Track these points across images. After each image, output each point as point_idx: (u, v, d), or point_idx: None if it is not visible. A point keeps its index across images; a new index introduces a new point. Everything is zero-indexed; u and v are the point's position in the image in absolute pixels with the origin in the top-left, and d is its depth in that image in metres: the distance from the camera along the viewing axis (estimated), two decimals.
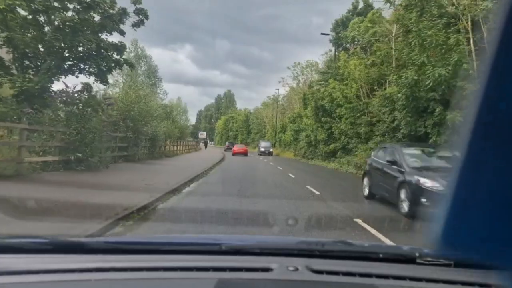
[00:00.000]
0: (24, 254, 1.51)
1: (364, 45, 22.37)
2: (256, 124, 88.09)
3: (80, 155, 11.31)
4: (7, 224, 4.51)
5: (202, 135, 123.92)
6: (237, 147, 52.05)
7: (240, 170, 17.32)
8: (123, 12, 14.64)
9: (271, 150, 38.95)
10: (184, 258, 1.55)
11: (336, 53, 29.64)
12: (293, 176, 15.63)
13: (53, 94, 13.34)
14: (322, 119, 27.13)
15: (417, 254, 1.60)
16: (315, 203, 8.92)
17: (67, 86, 13.63)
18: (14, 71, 13.39)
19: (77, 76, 15.08)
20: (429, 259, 1.59)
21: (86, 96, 14.05)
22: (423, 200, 6.75)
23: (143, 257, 1.53)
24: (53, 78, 13.90)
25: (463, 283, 1.42)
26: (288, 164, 25.57)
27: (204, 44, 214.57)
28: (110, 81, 20.95)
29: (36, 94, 12.83)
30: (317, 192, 10.52)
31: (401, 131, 15.50)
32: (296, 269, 1.42)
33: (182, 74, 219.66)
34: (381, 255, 1.63)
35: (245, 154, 45.89)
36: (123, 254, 1.55)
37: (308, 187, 11.70)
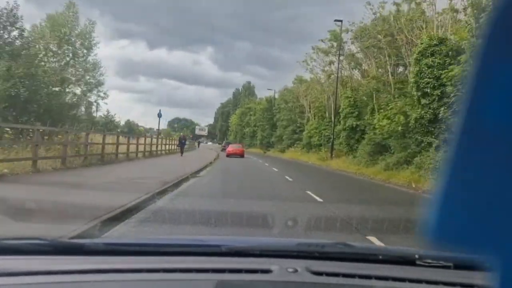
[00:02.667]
0: (23, 255, 1.52)
1: None
2: (286, 110, 57.72)
3: None
4: None
5: (202, 131, 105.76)
6: (231, 148, 44.40)
7: None
8: None
9: None
10: (184, 259, 1.58)
11: None
12: None
13: None
14: None
15: (416, 256, 1.61)
16: None
17: None
18: None
19: None
20: (429, 260, 1.60)
21: None
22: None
23: (142, 259, 1.56)
24: None
25: (462, 285, 1.45)
26: None
27: (225, 46, 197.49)
28: None
29: None
30: None
31: None
32: (296, 271, 1.44)
33: (203, 76, 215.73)
34: (380, 257, 1.66)
35: (241, 155, 39.65)
36: (122, 255, 1.58)
37: None
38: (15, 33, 18.60)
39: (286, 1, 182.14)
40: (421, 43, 17.67)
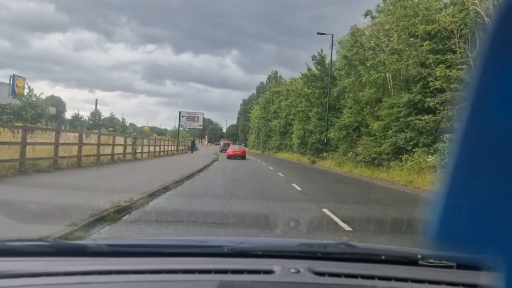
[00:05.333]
0: (26, 257, 1.61)
1: None
2: (388, 54, 21.57)
3: None
4: None
5: (193, 121, 68.03)
6: (232, 149, 42.52)
7: None
8: None
9: None
10: (187, 260, 1.66)
11: None
12: None
13: None
14: None
15: (419, 256, 1.65)
16: None
17: None
18: None
19: None
20: (431, 260, 1.63)
21: None
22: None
23: (145, 260, 1.66)
24: None
25: (465, 285, 1.48)
26: None
27: (250, 49, 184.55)
28: None
29: None
30: None
31: None
32: (298, 271, 1.51)
33: (229, 79, 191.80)
34: (383, 257, 1.68)
35: (242, 157, 39.25)
36: (125, 257, 1.68)
37: None
38: None
39: (311, 1, 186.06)
40: None
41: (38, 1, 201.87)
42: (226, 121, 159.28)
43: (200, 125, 72.53)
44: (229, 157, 37.42)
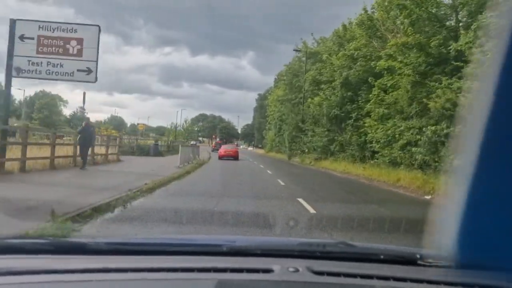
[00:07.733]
0: (25, 254, 1.69)
1: None
2: None
3: None
4: None
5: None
6: (224, 149, 38.24)
7: None
8: None
9: None
10: (185, 259, 1.74)
11: None
12: None
13: None
14: None
15: (418, 256, 1.74)
16: None
17: None
18: None
19: None
20: (430, 260, 1.71)
21: None
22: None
23: (144, 258, 1.74)
24: None
25: (464, 285, 1.54)
26: None
27: (266, 50, 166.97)
28: None
29: None
30: None
31: None
32: (297, 270, 1.59)
33: (245, 81, 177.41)
34: (382, 257, 1.78)
35: (235, 157, 36.07)
36: (124, 255, 1.77)
37: None
38: None
39: (328, 1, 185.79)
40: None
41: (58, 5, 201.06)
42: (238, 116, 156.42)
43: (91, 71, 15.38)
44: (220, 157, 35.06)
